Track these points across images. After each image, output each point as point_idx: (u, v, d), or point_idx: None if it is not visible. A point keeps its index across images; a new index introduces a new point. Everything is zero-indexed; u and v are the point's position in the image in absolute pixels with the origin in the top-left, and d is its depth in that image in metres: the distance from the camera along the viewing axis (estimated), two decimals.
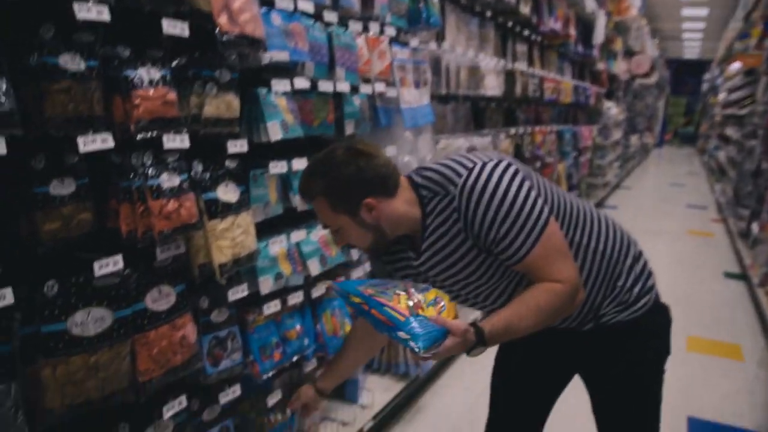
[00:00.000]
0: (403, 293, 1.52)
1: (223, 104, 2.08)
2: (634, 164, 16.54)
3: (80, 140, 1.59)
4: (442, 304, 1.55)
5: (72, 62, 1.60)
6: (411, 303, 1.49)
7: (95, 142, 1.62)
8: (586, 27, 8.49)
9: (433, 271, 1.76)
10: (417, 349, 1.39)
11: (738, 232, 8.03)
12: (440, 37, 4.15)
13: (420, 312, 1.47)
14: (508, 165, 1.61)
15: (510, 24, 5.60)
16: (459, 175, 1.61)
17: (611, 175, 11.58)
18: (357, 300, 1.53)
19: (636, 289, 1.83)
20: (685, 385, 4.07)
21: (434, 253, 1.71)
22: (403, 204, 1.67)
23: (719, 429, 3.59)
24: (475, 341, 1.49)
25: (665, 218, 9.96)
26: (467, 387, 3.96)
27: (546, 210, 1.60)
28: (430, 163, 1.73)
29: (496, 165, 1.60)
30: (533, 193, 1.59)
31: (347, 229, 1.67)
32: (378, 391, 3.49)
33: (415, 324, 1.43)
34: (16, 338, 1.58)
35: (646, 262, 1.90)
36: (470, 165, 1.61)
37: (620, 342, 1.85)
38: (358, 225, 1.66)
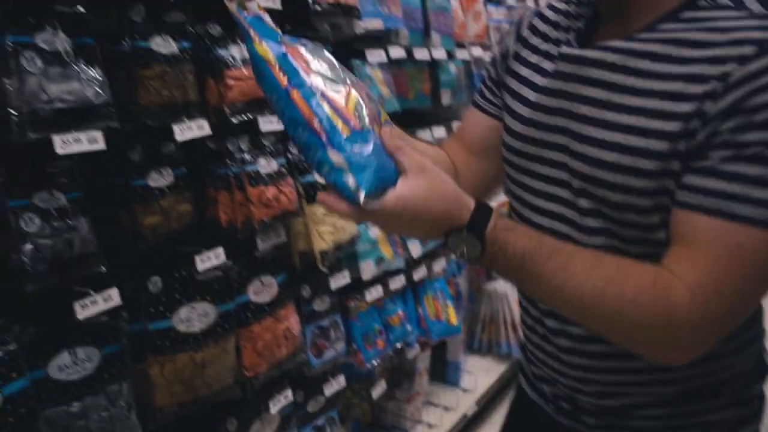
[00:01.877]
0: (353, 89, 0.87)
1: None
2: None
3: (176, 128, 1.49)
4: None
5: (164, 45, 1.50)
6: (363, 108, 0.85)
7: (191, 130, 1.52)
8: None
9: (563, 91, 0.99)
10: (354, 190, 0.80)
11: None
12: None
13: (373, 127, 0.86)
14: None
15: None
16: None
17: None
18: (267, 56, 0.85)
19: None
20: None
21: (616, 67, 0.91)
22: None
23: None
24: (466, 223, 0.85)
25: None
26: None
27: None
28: None
29: None
30: None
31: None
32: (480, 374, 3.35)
33: (365, 146, 0.82)
34: (125, 337, 1.52)
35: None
36: None
37: None
38: None
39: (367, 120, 0.84)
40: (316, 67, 0.85)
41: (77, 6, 1.32)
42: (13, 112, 1.22)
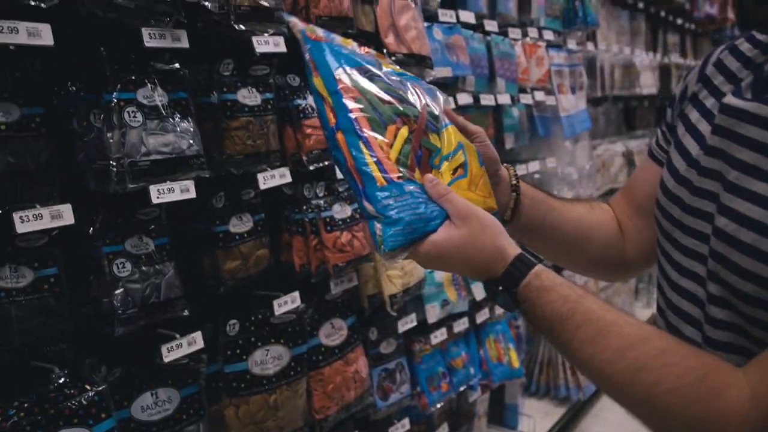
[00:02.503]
0: (402, 126, 0.87)
1: None
2: None
3: (260, 177, 1.54)
4: (463, 161, 0.91)
5: (249, 97, 1.56)
6: (409, 151, 0.85)
7: (274, 178, 1.57)
8: None
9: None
10: (378, 243, 0.83)
11: None
12: (592, 37, 3.89)
13: (414, 175, 0.86)
14: None
15: (662, 13, 5.20)
16: None
17: None
18: (321, 91, 0.86)
19: None
20: None
21: None
22: None
23: None
24: (500, 277, 0.84)
25: None
26: None
27: None
28: None
29: None
30: None
31: None
32: (538, 417, 3.29)
33: (400, 198, 0.83)
34: (203, 378, 1.55)
35: None
36: None
37: None
38: None
39: (406, 170, 0.85)
40: (365, 105, 0.85)
41: (174, 63, 1.39)
42: (113, 163, 1.28)
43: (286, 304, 1.67)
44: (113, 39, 1.31)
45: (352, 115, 0.84)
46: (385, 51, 1.86)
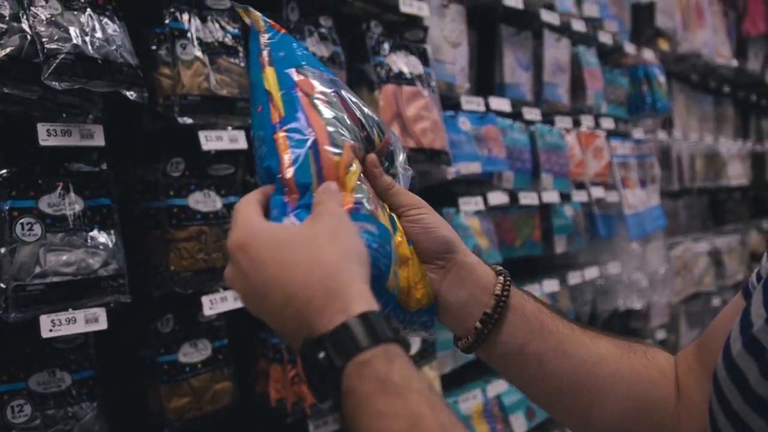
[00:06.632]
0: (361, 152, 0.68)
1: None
2: None
3: (206, 300, 1.26)
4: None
5: (205, 201, 1.30)
6: (361, 184, 0.65)
7: (226, 301, 1.29)
8: None
9: None
10: None
11: None
12: (668, 124, 3.50)
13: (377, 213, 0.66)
14: None
15: (753, 98, 4.74)
16: None
17: None
18: (271, 84, 0.67)
19: None
20: None
21: None
22: None
23: None
24: (326, 334, 0.51)
25: None
26: None
27: None
28: None
29: None
30: None
31: None
32: None
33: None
34: None
35: None
36: None
37: None
38: None
39: (368, 204, 0.65)
40: (325, 110, 0.66)
41: (100, 164, 1.16)
42: (2, 286, 1.04)
43: None
44: (19, 138, 1.09)
45: (308, 118, 0.64)
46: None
